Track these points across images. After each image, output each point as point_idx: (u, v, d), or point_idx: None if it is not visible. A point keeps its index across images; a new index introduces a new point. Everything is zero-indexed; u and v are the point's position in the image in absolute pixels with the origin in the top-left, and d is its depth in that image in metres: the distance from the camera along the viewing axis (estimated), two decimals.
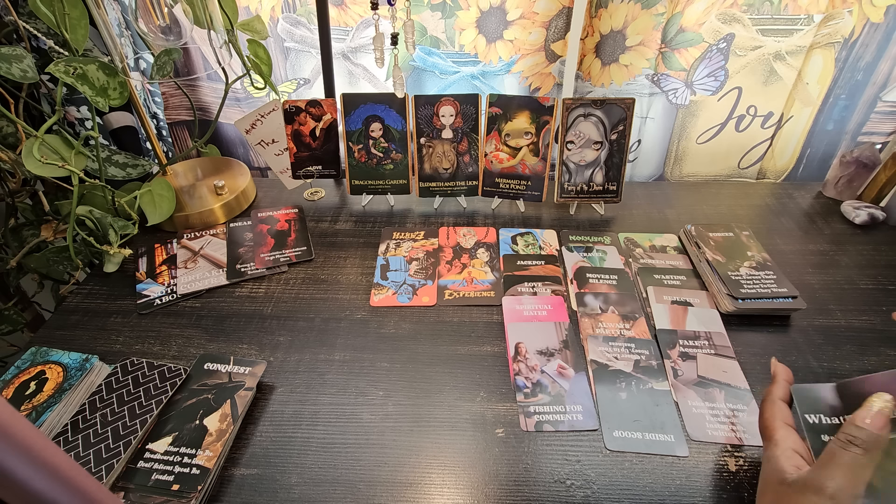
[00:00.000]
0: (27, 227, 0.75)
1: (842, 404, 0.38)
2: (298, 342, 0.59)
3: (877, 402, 0.32)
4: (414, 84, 0.86)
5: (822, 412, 0.37)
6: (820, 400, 0.38)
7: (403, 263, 0.70)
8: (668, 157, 0.91)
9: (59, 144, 0.60)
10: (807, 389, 0.39)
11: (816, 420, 0.37)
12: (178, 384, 0.52)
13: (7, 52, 0.58)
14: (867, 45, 0.76)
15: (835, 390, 0.39)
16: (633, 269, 0.68)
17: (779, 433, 0.37)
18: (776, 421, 0.38)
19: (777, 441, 0.37)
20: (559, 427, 0.50)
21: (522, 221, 0.78)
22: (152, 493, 0.44)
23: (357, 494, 0.45)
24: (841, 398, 0.38)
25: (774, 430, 0.37)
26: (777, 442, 0.37)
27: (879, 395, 0.32)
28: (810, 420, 0.37)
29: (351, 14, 0.80)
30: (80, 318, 0.63)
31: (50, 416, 0.48)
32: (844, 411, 0.37)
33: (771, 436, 0.37)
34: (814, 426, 0.37)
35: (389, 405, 0.52)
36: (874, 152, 0.77)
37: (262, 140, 0.79)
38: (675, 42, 0.78)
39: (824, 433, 0.36)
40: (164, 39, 0.67)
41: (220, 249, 0.73)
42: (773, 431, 0.37)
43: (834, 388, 0.39)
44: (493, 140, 0.77)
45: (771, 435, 0.38)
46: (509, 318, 0.61)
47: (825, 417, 0.37)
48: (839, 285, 0.65)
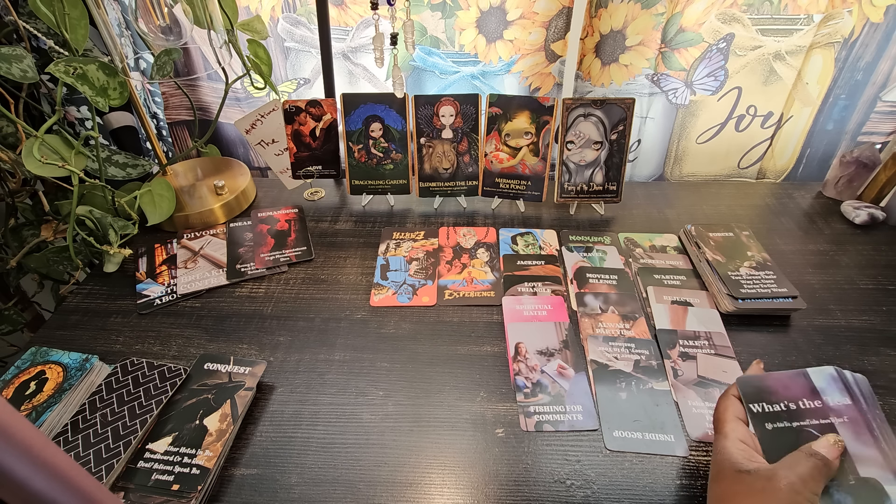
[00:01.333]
0: (27, 227, 0.75)
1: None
2: (298, 342, 0.59)
3: (832, 438, 0.36)
4: (414, 84, 0.86)
5: (764, 401, 0.40)
6: (761, 390, 0.41)
7: (403, 263, 0.70)
8: (668, 157, 0.91)
9: (59, 144, 0.60)
10: (747, 380, 0.42)
11: (759, 409, 0.40)
12: (178, 384, 0.52)
13: (7, 52, 0.58)
14: (867, 44, 0.76)
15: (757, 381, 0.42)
16: (633, 269, 0.68)
17: (728, 425, 0.39)
18: (727, 413, 0.40)
19: (726, 433, 0.39)
20: (559, 427, 0.50)
21: (522, 221, 0.78)
22: (152, 493, 0.44)
23: (357, 494, 0.45)
24: (746, 392, 0.41)
25: (724, 423, 0.40)
26: (726, 434, 0.39)
27: (831, 435, 0.36)
28: (754, 409, 0.40)
29: (351, 14, 0.80)
30: (80, 318, 0.63)
31: (50, 416, 0.48)
32: (757, 400, 0.41)
33: (721, 428, 0.40)
34: (757, 415, 0.40)
35: (389, 405, 0.52)
36: (874, 152, 0.77)
37: (262, 140, 0.79)
38: (675, 42, 0.78)
39: (767, 421, 0.39)
40: (164, 39, 0.67)
41: (220, 249, 0.73)
42: (724, 424, 0.40)
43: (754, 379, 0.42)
44: (493, 140, 0.77)
45: (721, 427, 0.40)
46: (509, 318, 0.61)
47: (767, 406, 0.40)
48: (839, 285, 0.65)
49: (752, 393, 0.41)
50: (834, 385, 0.39)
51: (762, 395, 0.40)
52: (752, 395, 0.41)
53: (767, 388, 0.40)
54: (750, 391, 0.41)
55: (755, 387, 0.41)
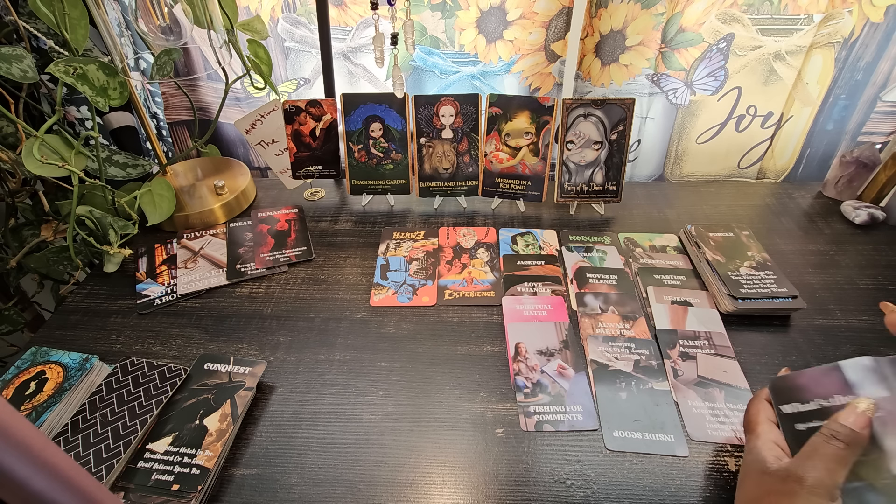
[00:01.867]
0: (27, 227, 0.75)
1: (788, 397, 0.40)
2: (298, 342, 0.59)
3: (862, 404, 0.33)
4: (414, 84, 0.86)
5: (795, 401, 0.39)
6: (792, 389, 0.40)
7: (403, 263, 0.70)
8: (668, 157, 0.91)
9: (59, 144, 0.60)
10: (778, 381, 0.41)
11: (791, 410, 0.39)
12: (178, 384, 0.52)
13: (7, 52, 0.58)
14: (867, 44, 0.76)
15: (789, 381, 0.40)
16: (633, 269, 0.68)
17: (761, 427, 0.39)
18: (759, 415, 0.40)
19: (759, 434, 0.38)
20: (559, 427, 0.50)
21: (522, 221, 0.78)
22: (152, 493, 0.44)
23: (357, 494, 0.45)
24: (777, 393, 0.41)
25: (757, 424, 0.39)
26: (759, 434, 0.38)
27: (863, 399, 0.34)
28: (785, 410, 0.39)
29: (351, 14, 0.80)
30: (80, 318, 0.63)
31: (50, 416, 0.48)
32: (788, 400, 0.39)
33: (753, 429, 0.39)
34: (788, 416, 0.39)
35: (389, 405, 0.52)
36: (874, 152, 0.77)
37: (262, 140, 0.79)
38: (675, 42, 0.78)
39: (798, 422, 0.38)
40: (164, 39, 0.67)
41: (220, 249, 0.73)
42: (756, 425, 0.39)
43: (788, 378, 0.41)
44: (493, 140, 0.77)
45: (753, 428, 0.39)
46: (509, 318, 0.61)
47: (799, 405, 0.39)
48: (839, 285, 0.65)
49: (783, 393, 0.40)
50: (870, 377, 0.35)
51: (793, 394, 0.39)
52: (783, 396, 0.39)
53: (799, 386, 0.39)
54: (781, 391, 0.40)
55: (786, 386, 0.40)
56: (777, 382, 0.41)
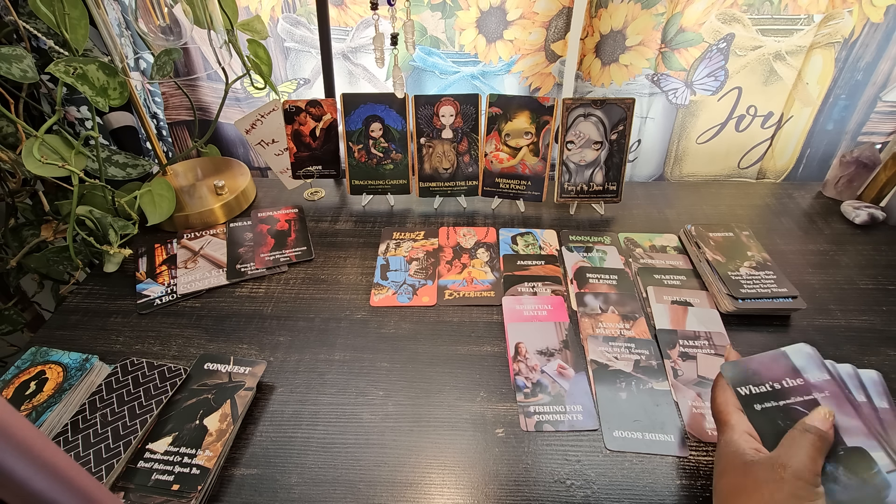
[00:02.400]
0: (27, 227, 0.75)
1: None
2: (298, 342, 0.59)
3: (822, 411, 0.37)
4: (414, 84, 0.86)
5: (750, 383, 0.41)
6: (746, 372, 0.42)
7: (403, 263, 0.70)
8: (668, 157, 0.91)
9: (59, 144, 0.60)
10: (732, 365, 0.43)
11: (747, 391, 0.40)
12: (178, 384, 0.52)
13: (7, 52, 0.58)
14: (867, 45, 0.76)
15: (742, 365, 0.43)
16: (633, 269, 0.68)
17: (733, 417, 0.39)
18: (728, 406, 0.40)
19: (732, 425, 0.39)
20: (559, 427, 0.50)
21: (522, 221, 0.78)
22: (152, 493, 0.44)
23: (357, 494, 0.45)
24: (733, 374, 0.42)
25: (728, 415, 0.40)
26: (732, 426, 0.39)
27: (821, 408, 0.37)
28: (742, 392, 0.41)
29: (351, 14, 0.80)
30: (80, 318, 0.63)
31: (50, 416, 0.48)
32: (744, 383, 0.42)
33: (726, 420, 0.40)
34: (745, 397, 0.40)
35: (389, 405, 0.52)
36: (874, 152, 0.77)
37: (262, 140, 0.79)
38: (675, 42, 0.78)
39: (755, 402, 0.40)
40: (164, 39, 0.67)
41: (220, 249, 0.73)
42: (728, 416, 0.40)
43: (739, 363, 0.43)
44: (493, 140, 0.77)
45: (726, 420, 0.40)
46: (509, 318, 0.61)
47: (753, 388, 0.40)
48: (839, 285, 0.65)
49: (738, 376, 0.42)
50: (812, 362, 0.40)
51: (747, 378, 0.41)
52: (738, 379, 0.41)
53: (751, 370, 0.41)
54: (735, 375, 0.42)
55: (740, 370, 0.42)
56: (730, 367, 0.42)
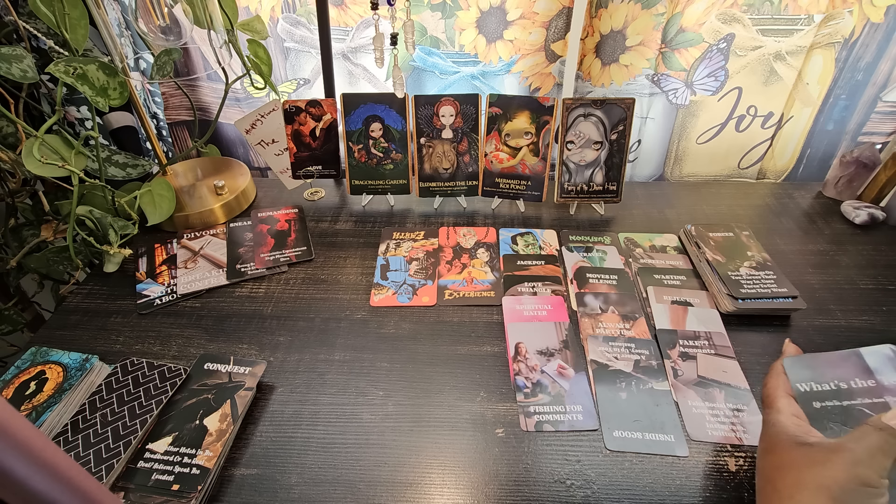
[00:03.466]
0: (27, 227, 0.75)
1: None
2: (298, 342, 0.59)
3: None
4: (414, 84, 0.86)
5: (812, 381, 0.40)
6: (808, 369, 0.40)
7: (403, 263, 0.70)
8: (668, 157, 0.91)
9: (59, 144, 0.60)
10: (795, 361, 0.41)
11: (807, 388, 0.39)
12: (178, 384, 0.52)
13: (7, 52, 0.58)
14: (867, 45, 0.76)
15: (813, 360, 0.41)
16: (633, 269, 0.68)
17: (780, 401, 0.39)
18: (778, 390, 0.40)
19: (779, 408, 0.39)
20: (559, 427, 0.50)
21: (522, 221, 0.78)
22: (152, 493, 0.44)
23: (357, 494, 0.45)
24: (792, 370, 0.41)
25: (776, 399, 0.40)
26: (780, 409, 0.39)
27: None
28: (801, 388, 0.39)
29: (351, 14, 0.80)
30: (80, 318, 0.63)
31: (50, 416, 0.48)
32: (804, 379, 0.40)
33: (772, 403, 0.40)
34: (804, 394, 0.39)
35: (389, 405, 0.52)
36: (874, 152, 0.77)
37: (262, 140, 0.79)
38: (676, 42, 0.78)
39: (814, 400, 0.39)
40: (164, 39, 0.67)
41: (220, 249, 0.73)
42: (775, 400, 0.40)
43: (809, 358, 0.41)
44: (493, 140, 0.77)
45: (773, 402, 0.40)
46: (509, 318, 0.61)
47: (815, 385, 0.39)
48: (839, 285, 0.65)
49: (800, 372, 0.40)
50: (890, 365, 0.37)
51: (810, 374, 0.39)
52: (799, 374, 0.40)
53: (816, 366, 0.39)
54: (798, 370, 0.40)
55: (804, 365, 0.40)
56: (794, 362, 0.41)
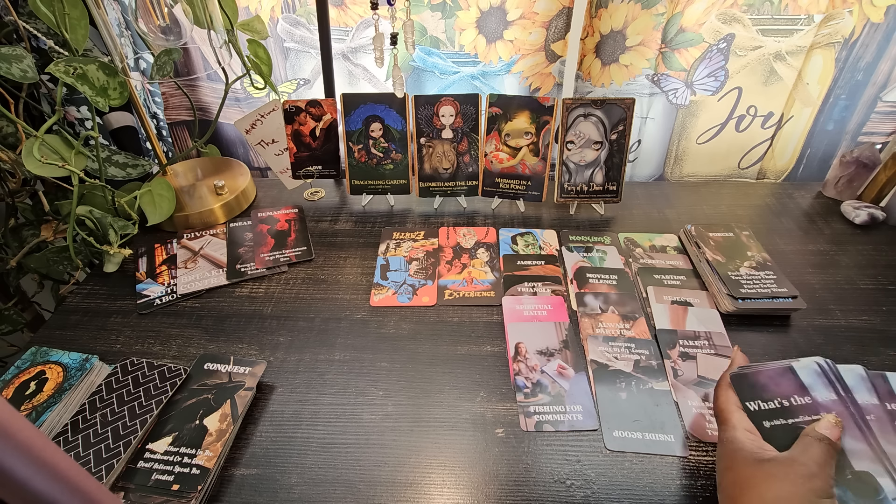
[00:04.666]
0: (27, 227, 0.75)
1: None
2: (298, 342, 0.59)
3: (829, 417, 0.37)
4: (414, 84, 0.86)
5: (759, 399, 0.40)
6: (754, 387, 0.41)
7: (403, 263, 0.70)
8: (668, 157, 0.91)
9: (59, 144, 0.60)
10: (740, 376, 0.42)
11: (756, 407, 0.40)
12: (178, 384, 0.52)
13: (7, 52, 0.58)
14: (867, 45, 0.76)
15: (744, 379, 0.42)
16: (633, 269, 0.68)
17: (734, 416, 0.40)
18: (730, 405, 0.40)
19: (734, 424, 0.39)
20: (559, 427, 0.50)
21: (522, 221, 0.78)
22: (152, 493, 0.44)
23: (357, 494, 0.45)
24: (740, 388, 0.41)
25: (730, 414, 0.40)
26: (734, 425, 0.39)
27: (829, 416, 0.37)
28: (751, 407, 0.40)
29: (351, 14, 0.80)
30: (80, 318, 0.63)
31: (50, 416, 0.48)
32: (752, 398, 0.41)
33: (727, 419, 0.40)
34: (755, 412, 0.40)
35: (389, 405, 0.52)
36: (874, 152, 0.77)
37: (262, 140, 0.79)
38: (676, 42, 0.78)
39: (765, 419, 0.39)
40: (164, 39, 0.67)
41: (220, 249, 0.73)
42: (729, 415, 0.40)
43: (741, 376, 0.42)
44: (493, 140, 0.77)
45: (727, 418, 0.40)
46: (509, 318, 0.61)
47: (762, 403, 0.40)
48: (839, 285, 0.65)
49: (747, 390, 0.41)
50: (819, 381, 0.40)
51: (756, 392, 0.41)
52: (746, 393, 0.41)
53: (760, 384, 0.41)
54: (744, 388, 0.41)
55: (748, 383, 0.41)
56: (738, 379, 0.42)
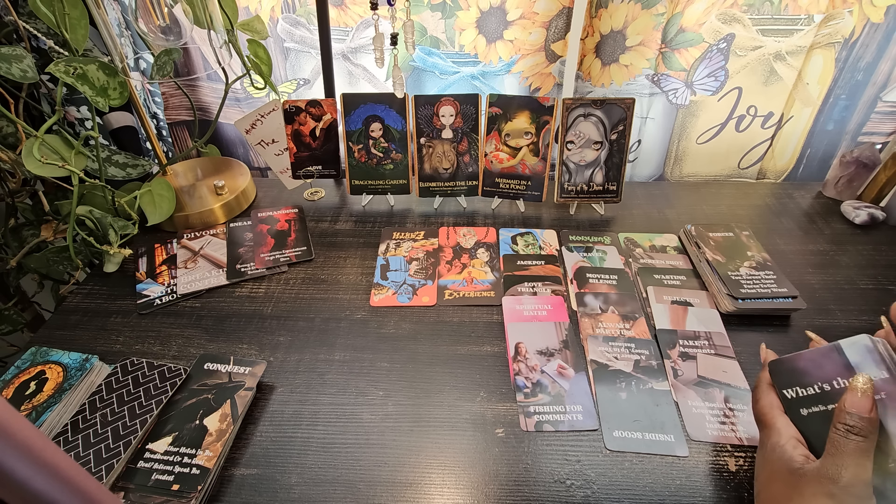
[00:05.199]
0: (27, 227, 0.75)
1: (787, 379, 0.39)
2: (298, 342, 0.59)
3: (860, 383, 0.33)
4: (414, 84, 0.86)
5: (797, 385, 0.38)
6: (794, 372, 0.39)
7: (403, 263, 0.70)
8: (668, 157, 0.91)
9: (59, 144, 0.60)
10: (779, 364, 0.40)
11: (793, 394, 0.38)
12: (178, 384, 0.52)
13: (7, 52, 0.58)
14: (867, 45, 0.76)
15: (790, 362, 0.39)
16: (633, 269, 0.68)
17: (779, 421, 0.38)
18: (773, 409, 0.39)
19: (779, 430, 0.37)
20: (559, 427, 0.50)
21: (522, 221, 0.78)
22: (152, 493, 0.44)
23: (357, 494, 0.45)
24: (776, 376, 0.39)
25: (774, 419, 0.38)
26: (780, 431, 0.37)
27: (859, 376, 0.33)
28: (788, 395, 0.38)
29: (351, 14, 0.80)
30: (80, 318, 0.63)
31: (50, 416, 0.48)
32: (790, 384, 0.38)
33: (771, 424, 0.38)
34: (791, 401, 0.38)
35: (389, 405, 0.52)
36: (874, 152, 0.77)
37: (262, 140, 0.79)
38: (676, 42, 0.78)
39: (802, 406, 0.37)
40: (164, 39, 0.67)
41: (220, 249, 0.73)
42: (773, 420, 0.38)
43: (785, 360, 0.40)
44: (493, 140, 0.77)
45: (771, 423, 0.38)
46: (509, 318, 0.61)
47: (801, 390, 0.38)
48: (839, 285, 0.65)
49: (782, 376, 0.39)
50: (869, 358, 0.35)
51: (793, 378, 0.38)
52: (784, 379, 0.38)
53: (798, 369, 0.38)
54: (780, 374, 0.39)
55: (787, 369, 0.39)
56: (775, 366, 0.40)
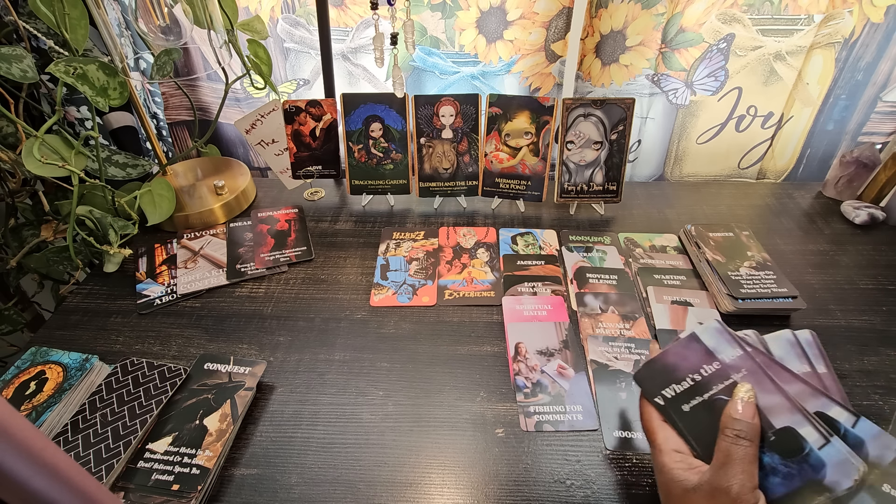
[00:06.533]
0: (27, 227, 0.75)
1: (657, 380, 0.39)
2: (298, 342, 0.59)
3: (741, 393, 0.35)
4: (414, 84, 0.86)
5: (672, 382, 0.38)
6: (664, 371, 0.39)
7: (403, 263, 0.70)
8: (668, 157, 0.91)
9: (59, 144, 0.60)
10: (646, 371, 0.40)
11: (671, 393, 0.38)
12: (178, 384, 0.52)
13: (7, 52, 0.58)
14: (867, 45, 0.76)
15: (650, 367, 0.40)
16: (633, 269, 0.68)
17: (659, 435, 0.37)
18: (653, 422, 0.38)
19: (659, 446, 0.37)
20: (559, 427, 0.50)
21: (522, 221, 0.78)
22: (152, 493, 0.44)
23: (357, 494, 0.45)
24: (649, 381, 0.40)
25: (654, 433, 0.38)
26: (660, 447, 0.37)
27: (740, 386, 0.35)
28: (667, 395, 0.38)
29: (351, 14, 0.80)
30: (80, 318, 0.63)
31: (50, 416, 0.48)
32: (665, 384, 0.39)
33: (652, 440, 0.38)
34: (671, 400, 0.38)
35: (389, 405, 0.52)
36: (874, 152, 0.77)
37: (262, 140, 0.79)
38: (676, 42, 0.78)
39: (682, 403, 0.37)
40: (164, 39, 0.67)
41: (220, 249, 0.73)
42: (653, 433, 0.38)
43: (649, 365, 0.40)
44: (493, 140, 0.77)
45: (652, 439, 0.38)
46: (509, 318, 0.61)
47: (676, 387, 0.38)
48: (839, 285, 0.65)
49: (657, 378, 0.39)
50: (722, 339, 0.38)
51: (668, 376, 0.38)
52: (658, 381, 0.39)
53: (669, 366, 0.39)
54: (653, 378, 0.39)
55: (658, 370, 0.39)
56: (645, 372, 0.40)
